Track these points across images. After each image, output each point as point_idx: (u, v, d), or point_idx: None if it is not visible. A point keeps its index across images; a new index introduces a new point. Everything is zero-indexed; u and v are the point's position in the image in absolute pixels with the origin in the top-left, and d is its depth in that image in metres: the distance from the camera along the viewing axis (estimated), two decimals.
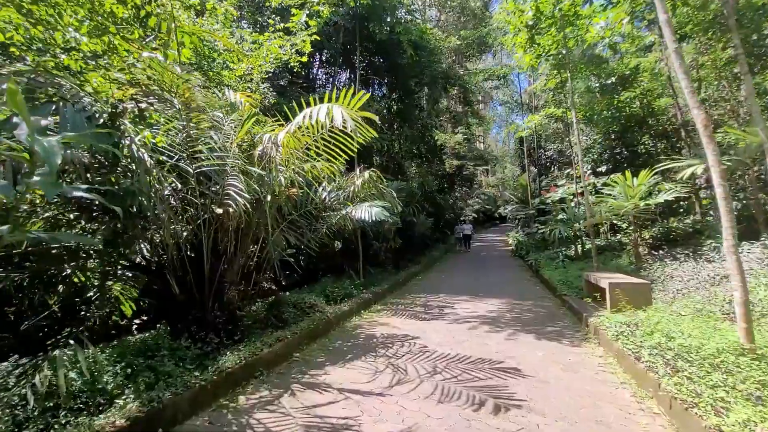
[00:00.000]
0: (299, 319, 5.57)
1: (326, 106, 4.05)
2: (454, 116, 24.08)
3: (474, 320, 6.24)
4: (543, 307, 7.17)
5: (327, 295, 7.22)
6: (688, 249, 7.53)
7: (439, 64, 16.68)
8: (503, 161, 45.19)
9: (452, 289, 9.29)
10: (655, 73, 12.14)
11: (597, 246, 11.00)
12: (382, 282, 9.38)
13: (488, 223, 39.06)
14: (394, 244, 11.26)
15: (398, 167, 18.49)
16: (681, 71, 3.54)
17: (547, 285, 9.17)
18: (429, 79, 16.25)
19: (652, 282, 6.89)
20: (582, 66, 12.33)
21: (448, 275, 11.95)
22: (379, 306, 7.58)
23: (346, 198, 7.97)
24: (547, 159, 27.64)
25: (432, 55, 15.42)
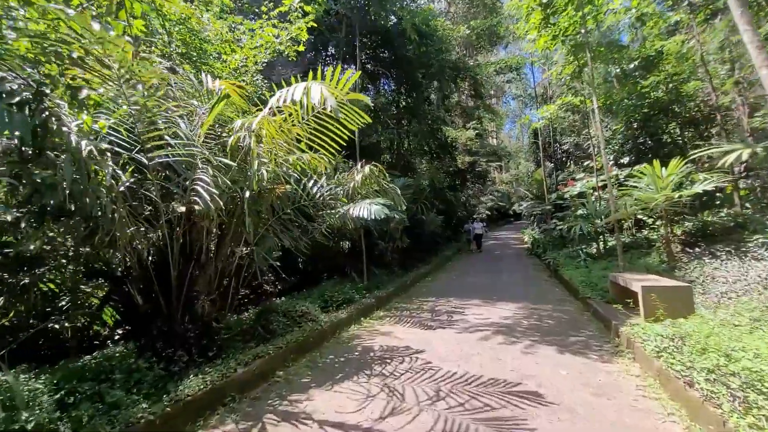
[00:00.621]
0: (289, 329, 4.99)
1: (303, 84, 3.44)
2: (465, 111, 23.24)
3: (486, 329, 5.55)
4: (564, 313, 6.43)
5: (325, 300, 6.63)
6: (729, 245, 6.67)
7: (447, 55, 15.93)
8: (517, 157, 44.04)
9: (463, 292, 8.59)
10: (681, 55, 11.18)
11: (622, 243, 10.15)
12: (388, 284, 8.75)
13: (502, 220, 38.04)
14: (401, 244, 10.61)
15: (407, 164, 17.83)
16: (743, 21, 2.80)
17: (567, 287, 8.39)
18: (437, 70, 15.52)
19: (689, 283, 6.09)
20: (602, 50, 11.45)
21: (460, 276, 11.24)
22: (382, 312, 6.95)
23: (346, 195, 7.38)
24: (563, 153, 26.54)
25: (440, 44, 14.68)
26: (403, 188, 11.06)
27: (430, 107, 18.61)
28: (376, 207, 6.54)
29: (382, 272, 9.60)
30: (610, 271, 8.00)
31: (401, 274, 10.41)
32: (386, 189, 7.30)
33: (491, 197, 35.76)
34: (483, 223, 19.69)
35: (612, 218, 7.28)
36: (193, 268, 3.93)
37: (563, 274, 9.04)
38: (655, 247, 8.42)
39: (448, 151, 20.28)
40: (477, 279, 10.48)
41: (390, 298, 7.94)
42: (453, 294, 8.45)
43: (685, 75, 11.00)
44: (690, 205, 8.58)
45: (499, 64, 20.99)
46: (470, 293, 8.40)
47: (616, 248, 9.88)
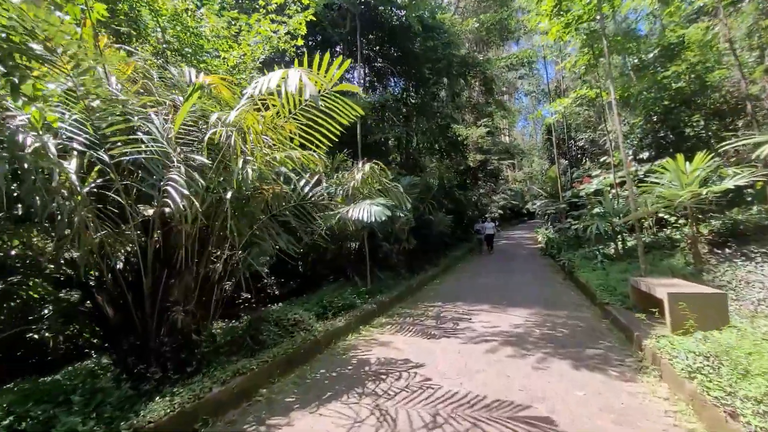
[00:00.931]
0: (280, 340, 4.65)
1: (280, 72, 3.08)
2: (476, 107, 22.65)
3: (494, 338, 5.11)
4: (581, 320, 5.93)
5: (323, 306, 6.28)
6: (763, 246, 6.07)
7: (456, 49, 15.45)
8: (531, 155, 43.12)
9: (472, 296, 8.13)
10: (705, 42, 10.48)
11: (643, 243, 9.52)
12: (392, 288, 8.35)
13: (515, 219, 37.22)
14: (407, 245, 10.20)
15: (416, 163, 17.38)
16: None
17: (583, 290, 7.86)
18: (445, 65, 15.05)
19: (719, 288, 5.53)
20: (618, 39, 10.82)
21: (469, 278, 10.76)
22: (383, 318, 6.56)
23: (346, 195, 7.03)
24: (578, 149, 25.71)
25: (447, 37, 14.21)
26: (409, 187, 10.66)
27: (439, 104, 18.15)
28: (376, 208, 6.16)
29: (386, 275, 9.21)
30: (629, 274, 7.45)
31: (407, 276, 10.00)
32: (388, 188, 6.93)
33: (504, 196, 34.99)
34: (495, 222, 19.02)
35: (632, 217, 6.73)
36: (168, 275, 3.61)
37: (579, 277, 8.49)
38: (679, 248, 7.82)
39: (458, 149, 19.76)
40: (487, 281, 10.00)
41: (393, 303, 7.54)
42: (461, 298, 8.00)
43: (710, 63, 10.30)
44: (717, 202, 7.94)
45: (510, 58, 20.35)
46: (479, 297, 7.94)
47: (636, 249, 9.29)
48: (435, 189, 13.12)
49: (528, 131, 51.46)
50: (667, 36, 10.72)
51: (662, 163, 7.33)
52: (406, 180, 10.51)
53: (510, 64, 29.49)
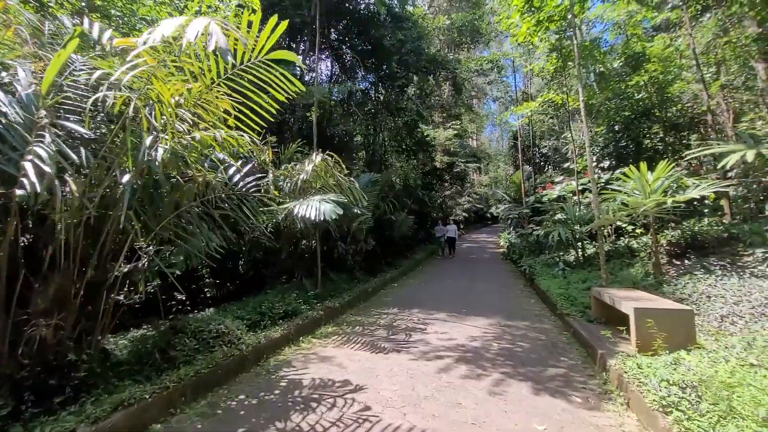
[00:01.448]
0: (196, 356, 3.87)
1: (183, 18, 2.36)
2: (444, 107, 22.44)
3: (448, 354, 4.58)
4: (541, 332, 5.55)
5: (262, 313, 5.51)
6: (723, 259, 5.97)
7: (426, 44, 15.03)
8: (496, 160, 43.93)
9: (430, 302, 7.64)
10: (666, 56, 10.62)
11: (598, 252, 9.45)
12: (345, 293, 7.69)
13: (479, 223, 37.65)
14: (365, 246, 9.58)
15: (382, 161, 16.80)
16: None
17: (544, 298, 7.58)
18: (414, 60, 14.57)
19: (680, 302, 5.32)
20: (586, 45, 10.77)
21: (429, 283, 10.30)
22: (330, 327, 5.88)
23: (294, 188, 6.30)
24: (542, 157, 26.24)
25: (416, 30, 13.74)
26: (369, 185, 10.05)
27: (408, 102, 17.68)
28: (327, 205, 5.49)
29: (340, 278, 8.54)
30: (590, 283, 7.23)
31: (364, 279, 9.37)
32: (342, 183, 6.28)
33: (469, 199, 35.26)
34: (457, 225, 18.81)
35: (595, 224, 6.48)
36: (26, 281, 2.76)
37: (540, 284, 8.23)
38: (638, 257, 7.72)
39: (425, 150, 19.38)
40: (447, 286, 9.57)
41: (344, 310, 6.88)
42: (418, 304, 7.49)
43: (670, 76, 10.45)
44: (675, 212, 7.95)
45: (480, 61, 20.28)
46: (437, 304, 7.46)
47: (596, 257, 9.19)
48: (398, 188, 12.60)
49: (495, 137, 52.47)
50: (631, 46, 10.78)
51: (625, 171, 7.17)
52: (367, 177, 9.90)
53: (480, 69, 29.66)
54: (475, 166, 35.73)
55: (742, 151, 5.09)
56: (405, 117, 17.02)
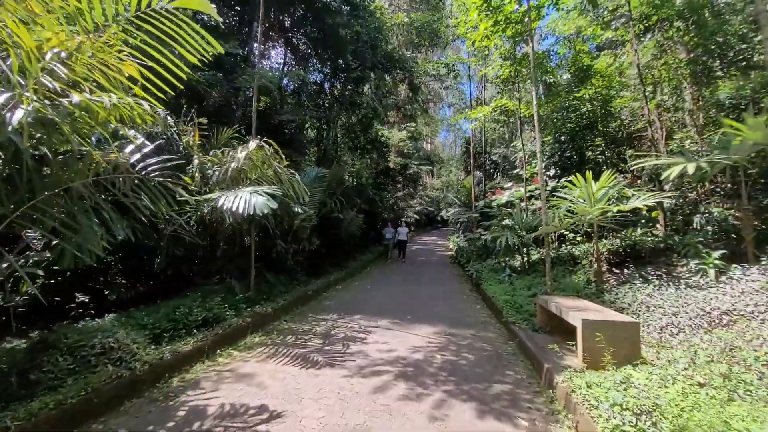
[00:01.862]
0: (70, 378, 3.05)
1: None
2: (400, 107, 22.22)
3: (388, 369, 4.11)
4: (487, 341, 5.27)
5: (174, 320, 4.69)
6: (659, 269, 6.09)
7: (383, 36, 14.63)
8: (449, 165, 44.85)
9: (374, 307, 7.17)
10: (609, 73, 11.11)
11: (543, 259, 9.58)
12: (281, 296, 7.00)
13: (430, 225, 38.07)
14: (308, 245, 8.90)
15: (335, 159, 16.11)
16: None
17: (490, 304, 7.40)
18: (371, 55, 14.12)
19: (619, 310, 5.30)
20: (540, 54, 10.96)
21: (375, 286, 9.84)
22: (258, 337, 5.18)
23: (224, 178, 5.54)
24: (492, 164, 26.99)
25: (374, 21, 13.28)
26: (316, 180, 9.40)
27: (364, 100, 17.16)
28: (259, 198, 4.80)
29: (279, 279, 7.80)
30: (535, 289, 7.16)
31: (305, 281, 8.70)
32: (280, 175, 5.62)
33: (421, 201, 35.51)
34: (408, 227, 18.51)
35: (543, 230, 6.39)
36: None
37: (486, 290, 8.07)
38: (580, 265, 7.81)
39: (380, 150, 18.99)
40: (394, 290, 9.16)
41: (278, 315, 6.19)
42: (361, 309, 6.98)
43: (613, 91, 10.91)
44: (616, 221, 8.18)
45: (437, 64, 20.30)
46: (381, 309, 7.01)
47: (541, 263, 9.28)
48: (347, 185, 12.02)
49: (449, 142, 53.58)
50: (579, 60, 11.13)
51: (572, 179, 7.19)
52: (313, 171, 9.23)
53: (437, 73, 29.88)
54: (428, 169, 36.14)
55: (683, 164, 5.16)
56: (360, 113, 16.52)
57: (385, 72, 17.29)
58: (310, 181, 8.96)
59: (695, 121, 9.79)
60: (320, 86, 16.05)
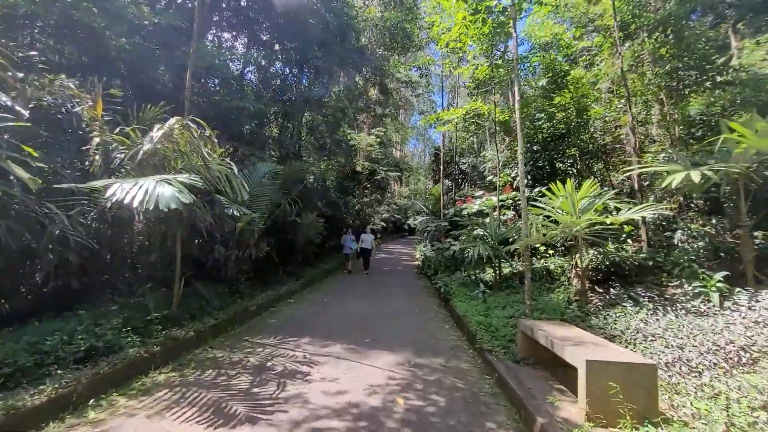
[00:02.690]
0: None
1: None
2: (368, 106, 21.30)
3: (332, 427, 3.04)
4: (459, 375, 4.33)
5: (44, 353, 3.39)
6: (649, 290, 5.44)
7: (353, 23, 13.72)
8: (417, 174, 44.58)
9: (328, 327, 6.07)
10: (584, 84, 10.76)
11: (515, 273, 8.92)
12: (212, 313, 5.75)
13: (396, 233, 37.31)
14: (254, 251, 7.65)
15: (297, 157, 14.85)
16: None
17: (460, 324, 6.51)
18: (339, 47, 13.13)
19: (610, 338, 4.54)
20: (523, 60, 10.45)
21: (333, 299, 8.71)
22: (163, 373, 3.94)
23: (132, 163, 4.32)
24: (461, 174, 26.68)
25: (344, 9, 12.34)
26: (270, 177, 8.20)
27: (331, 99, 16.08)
28: (167, 189, 3.60)
29: (215, 292, 6.53)
30: (511, 309, 6.35)
31: (250, 294, 7.45)
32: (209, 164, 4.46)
33: (388, 208, 34.72)
34: (374, 235, 17.39)
35: (524, 243, 5.59)
36: None
37: (456, 307, 7.17)
38: (559, 282, 7.11)
39: (348, 153, 17.91)
40: (353, 305, 8.09)
41: (203, 340, 4.95)
42: (312, 330, 5.86)
43: (590, 99, 10.56)
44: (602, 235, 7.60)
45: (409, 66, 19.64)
46: (337, 330, 5.92)
47: (514, 277, 8.56)
48: (307, 186, 10.87)
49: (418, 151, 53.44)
50: (555, 66, 10.71)
51: (551, 187, 6.52)
52: (264, 168, 8.01)
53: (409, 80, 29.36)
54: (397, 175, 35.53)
55: (683, 172, 4.52)
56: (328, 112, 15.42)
57: (355, 71, 16.38)
58: (260, 177, 7.76)
59: (671, 135, 9.56)
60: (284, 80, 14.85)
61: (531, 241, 5.84)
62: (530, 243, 5.88)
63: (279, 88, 14.23)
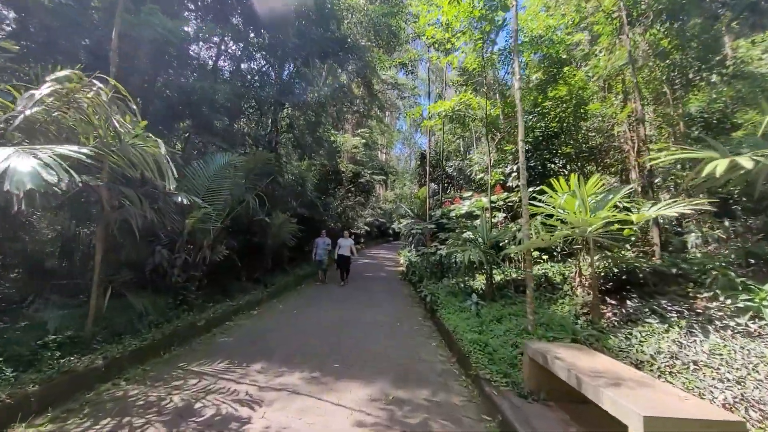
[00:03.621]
0: None
1: None
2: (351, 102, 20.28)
3: None
4: (452, 416, 3.31)
5: None
6: (675, 302, 4.56)
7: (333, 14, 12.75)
8: (403, 178, 43.86)
9: (289, 348, 4.98)
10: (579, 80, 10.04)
11: (509, 281, 8.00)
12: (141, 332, 4.60)
13: (381, 238, 36.27)
14: (208, 254, 6.50)
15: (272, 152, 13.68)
16: None
17: (449, 341, 5.51)
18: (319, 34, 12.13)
19: (637, 365, 3.62)
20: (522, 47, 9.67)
21: (301, 312, 7.58)
22: (33, 427, 2.79)
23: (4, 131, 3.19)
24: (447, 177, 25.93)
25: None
26: (231, 168, 7.09)
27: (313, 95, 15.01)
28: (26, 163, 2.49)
29: (154, 304, 5.35)
30: (508, 323, 5.39)
31: (201, 305, 6.28)
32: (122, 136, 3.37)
33: (373, 213, 33.70)
34: (356, 240, 16.23)
35: (528, 245, 4.66)
36: None
37: (444, 320, 6.18)
38: (561, 292, 6.20)
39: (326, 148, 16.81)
40: (326, 317, 7.00)
41: (120, 367, 3.80)
42: (269, 351, 4.77)
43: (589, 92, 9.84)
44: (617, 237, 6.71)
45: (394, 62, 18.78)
46: (300, 350, 4.85)
47: (511, 286, 7.61)
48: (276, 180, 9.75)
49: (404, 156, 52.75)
50: (554, 49, 9.90)
51: (552, 183, 5.64)
52: (221, 158, 6.85)
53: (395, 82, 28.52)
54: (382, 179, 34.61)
55: (726, 159, 3.65)
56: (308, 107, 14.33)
57: (337, 64, 15.37)
58: (218, 168, 6.64)
59: (674, 131, 8.88)
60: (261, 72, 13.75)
61: (535, 244, 4.90)
62: (534, 246, 4.95)
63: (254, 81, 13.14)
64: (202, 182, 6.50)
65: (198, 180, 6.48)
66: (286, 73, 14.21)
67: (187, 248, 6.13)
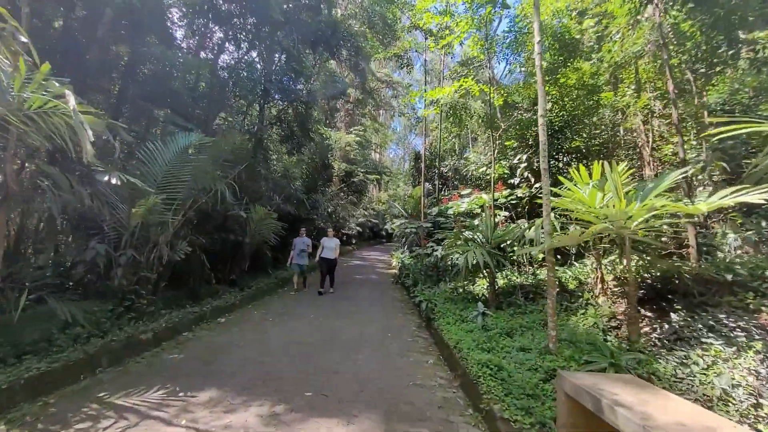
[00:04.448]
0: None
1: None
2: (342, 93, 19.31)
3: None
4: None
5: None
6: (736, 316, 3.65)
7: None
8: (397, 179, 43.06)
9: (251, 369, 3.98)
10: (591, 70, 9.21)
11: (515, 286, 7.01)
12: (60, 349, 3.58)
13: (374, 239, 35.30)
14: (168, 254, 5.45)
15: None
16: None
17: (449, 358, 4.55)
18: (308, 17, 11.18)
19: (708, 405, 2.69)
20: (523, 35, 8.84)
21: (279, 320, 6.57)
22: None
23: None
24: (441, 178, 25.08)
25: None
26: (195, 150, 6.08)
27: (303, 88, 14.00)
28: None
29: (90, 310, 4.32)
30: (524, 339, 4.46)
31: (153, 313, 5.24)
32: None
33: (366, 213, 32.71)
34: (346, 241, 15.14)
35: (553, 244, 3.74)
36: None
37: (443, 332, 5.21)
38: (583, 299, 5.26)
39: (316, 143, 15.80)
40: (305, 328, 5.99)
41: (9, 403, 2.79)
42: (225, 375, 3.77)
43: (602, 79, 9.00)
44: None
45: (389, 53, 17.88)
46: (265, 373, 3.85)
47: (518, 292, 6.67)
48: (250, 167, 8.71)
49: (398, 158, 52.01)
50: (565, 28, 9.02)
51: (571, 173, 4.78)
52: (189, 138, 5.82)
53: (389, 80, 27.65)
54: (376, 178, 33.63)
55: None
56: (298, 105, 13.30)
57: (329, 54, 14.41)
58: (178, 151, 5.62)
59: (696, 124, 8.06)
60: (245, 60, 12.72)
61: (563, 242, 3.97)
62: (563, 244, 4.02)
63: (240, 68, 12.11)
64: (159, 167, 5.47)
65: (154, 164, 5.45)
66: (276, 63, 13.20)
67: (136, 244, 5.10)
